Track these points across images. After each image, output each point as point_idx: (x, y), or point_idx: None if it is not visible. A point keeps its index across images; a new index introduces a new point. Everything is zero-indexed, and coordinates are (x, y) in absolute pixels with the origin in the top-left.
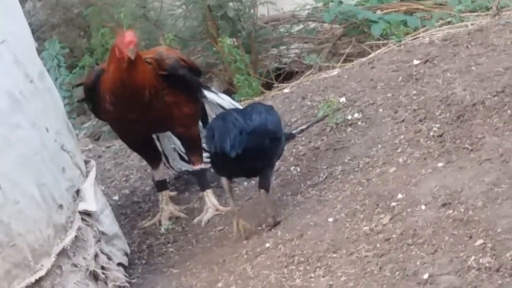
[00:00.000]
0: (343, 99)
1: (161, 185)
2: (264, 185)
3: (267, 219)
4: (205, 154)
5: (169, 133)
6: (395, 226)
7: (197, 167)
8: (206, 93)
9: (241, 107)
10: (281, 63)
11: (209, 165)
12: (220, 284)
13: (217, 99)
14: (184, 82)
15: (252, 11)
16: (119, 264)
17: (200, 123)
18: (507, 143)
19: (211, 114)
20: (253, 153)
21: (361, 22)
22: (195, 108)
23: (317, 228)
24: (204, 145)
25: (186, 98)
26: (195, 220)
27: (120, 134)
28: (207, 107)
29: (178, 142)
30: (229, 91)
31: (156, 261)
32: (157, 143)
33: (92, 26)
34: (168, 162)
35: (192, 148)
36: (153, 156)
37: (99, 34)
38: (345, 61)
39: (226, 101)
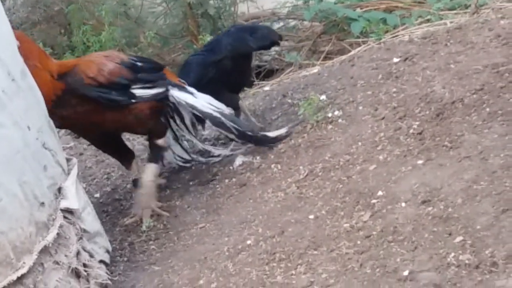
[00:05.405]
0: (323, 97)
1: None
2: None
3: None
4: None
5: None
6: (375, 223)
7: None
8: (178, 93)
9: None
10: (261, 61)
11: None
12: (201, 282)
13: (189, 99)
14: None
15: (232, 8)
16: (101, 261)
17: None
18: (486, 140)
19: (185, 115)
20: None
21: (341, 20)
22: (125, 114)
23: (297, 225)
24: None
25: (106, 106)
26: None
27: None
28: (180, 108)
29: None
30: None
31: (137, 258)
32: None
33: (73, 23)
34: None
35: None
36: (122, 156)
37: (80, 31)
38: (325, 58)
39: (200, 101)
